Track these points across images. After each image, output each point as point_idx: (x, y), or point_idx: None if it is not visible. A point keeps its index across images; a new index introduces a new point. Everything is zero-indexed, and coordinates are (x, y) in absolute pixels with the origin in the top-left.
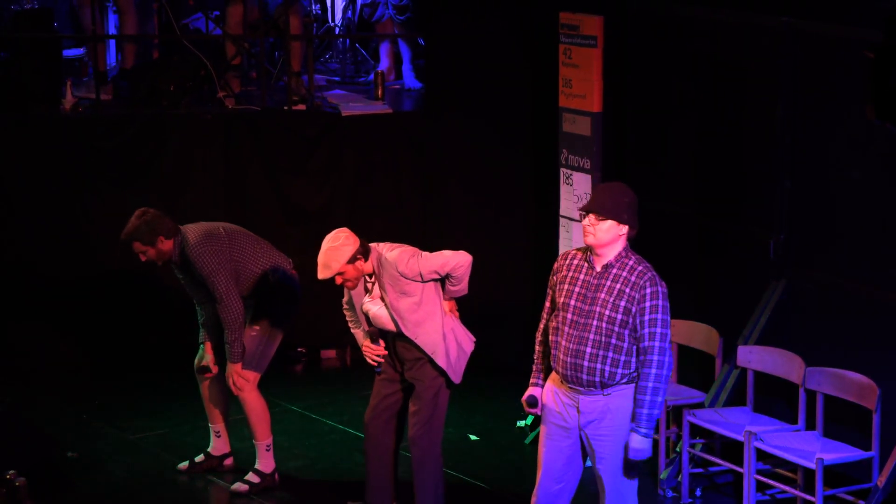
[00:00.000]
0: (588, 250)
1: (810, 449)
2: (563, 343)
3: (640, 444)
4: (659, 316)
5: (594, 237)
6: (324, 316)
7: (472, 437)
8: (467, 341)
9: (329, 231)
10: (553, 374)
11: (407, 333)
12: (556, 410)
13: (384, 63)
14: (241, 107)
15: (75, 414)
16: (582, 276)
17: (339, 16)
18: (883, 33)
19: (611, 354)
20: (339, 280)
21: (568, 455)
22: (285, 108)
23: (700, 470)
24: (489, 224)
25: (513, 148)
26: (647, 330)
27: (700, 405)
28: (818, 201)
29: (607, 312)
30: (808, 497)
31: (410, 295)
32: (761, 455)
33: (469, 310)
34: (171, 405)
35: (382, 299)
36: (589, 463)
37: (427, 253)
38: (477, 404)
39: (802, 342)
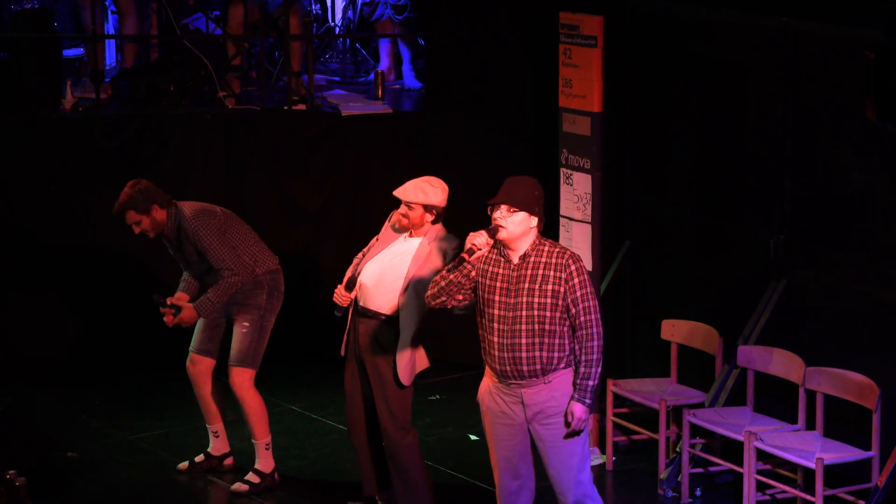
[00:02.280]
0: (498, 244)
1: (810, 449)
2: (496, 339)
3: (584, 413)
4: (588, 289)
5: (506, 230)
6: (324, 316)
7: (472, 437)
8: (424, 359)
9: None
10: (488, 374)
11: (399, 300)
12: (499, 410)
13: (384, 63)
14: (241, 107)
15: (75, 414)
16: (501, 271)
17: (339, 16)
18: (883, 33)
19: (546, 340)
20: (402, 209)
21: (520, 451)
22: (285, 108)
23: (700, 470)
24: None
25: (513, 148)
26: (581, 305)
27: (700, 405)
28: (818, 201)
29: (536, 299)
30: (808, 497)
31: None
32: (761, 455)
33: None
34: (171, 405)
35: (411, 264)
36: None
37: None
38: (477, 404)
39: (802, 342)
